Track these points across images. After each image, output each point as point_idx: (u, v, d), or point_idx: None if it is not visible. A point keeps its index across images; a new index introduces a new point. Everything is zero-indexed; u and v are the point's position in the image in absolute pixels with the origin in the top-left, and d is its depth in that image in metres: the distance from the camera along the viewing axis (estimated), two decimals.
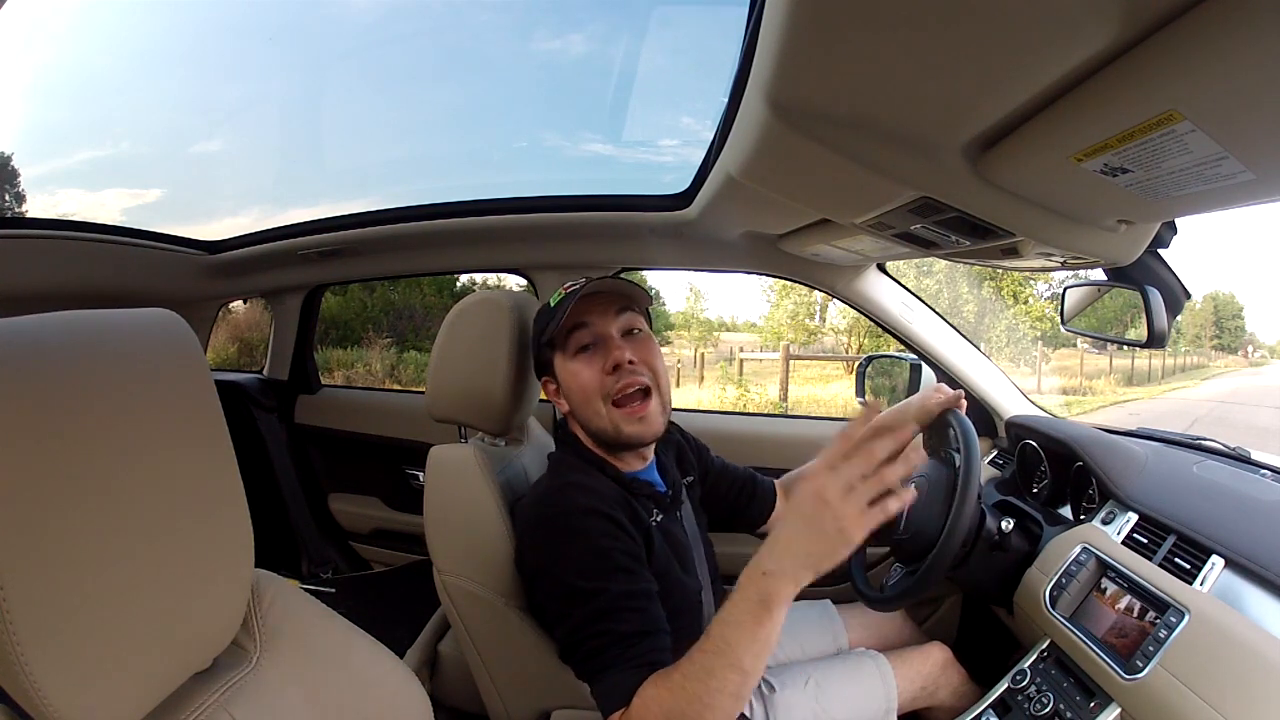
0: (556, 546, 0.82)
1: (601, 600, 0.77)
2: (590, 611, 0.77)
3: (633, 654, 0.75)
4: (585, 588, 0.78)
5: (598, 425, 0.89)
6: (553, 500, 0.86)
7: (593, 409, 0.88)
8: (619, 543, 0.81)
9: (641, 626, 0.77)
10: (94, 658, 0.39)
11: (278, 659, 0.54)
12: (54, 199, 9.21)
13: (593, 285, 0.87)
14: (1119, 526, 0.96)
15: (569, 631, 0.79)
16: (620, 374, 0.86)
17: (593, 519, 0.81)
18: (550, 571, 0.82)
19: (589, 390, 0.87)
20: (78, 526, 0.38)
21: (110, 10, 5.78)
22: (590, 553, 0.80)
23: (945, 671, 1.07)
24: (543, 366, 0.94)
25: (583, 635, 0.77)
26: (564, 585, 0.79)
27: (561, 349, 0.90)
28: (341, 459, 2.04)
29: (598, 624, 0.77)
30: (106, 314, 0.43)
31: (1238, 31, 0.38)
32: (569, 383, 0.90)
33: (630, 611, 0.77)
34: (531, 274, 1.74)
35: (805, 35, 0.51)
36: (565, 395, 0.92)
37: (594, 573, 0.79)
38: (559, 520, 0.83)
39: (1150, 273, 0.98)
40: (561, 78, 10.89)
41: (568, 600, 0.79)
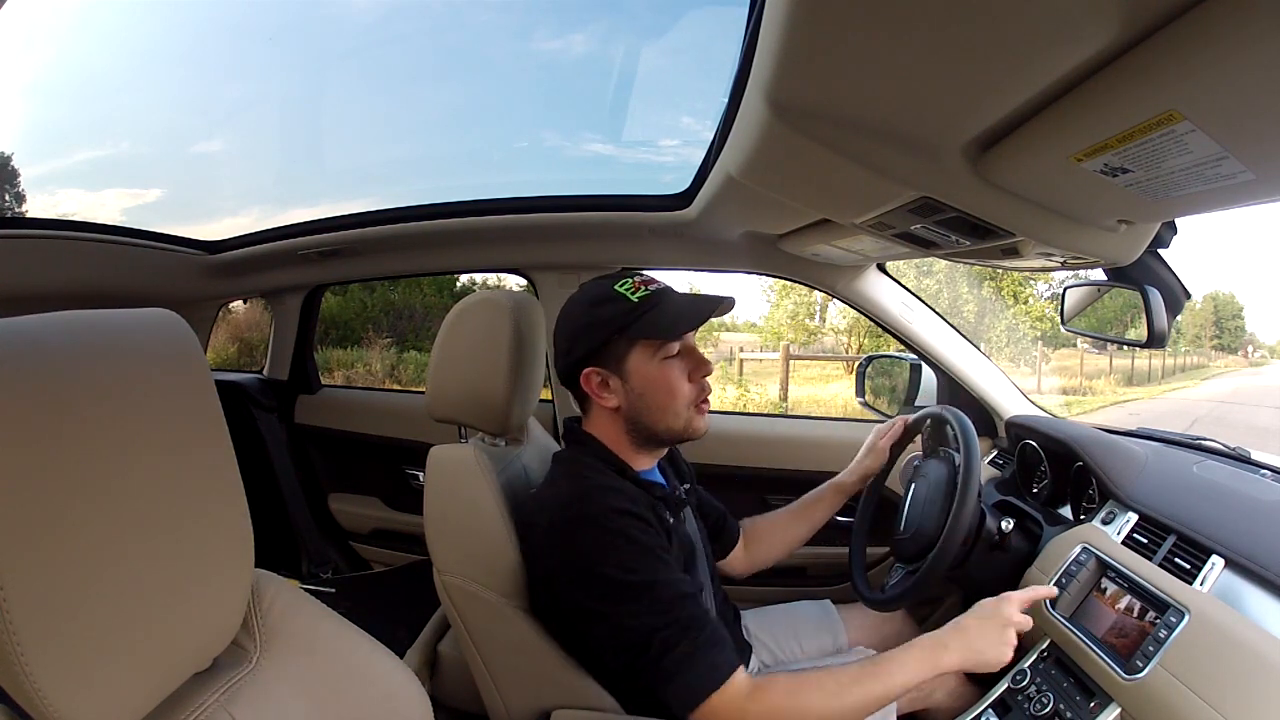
0: (596, 545, 0.80)
1: (657, 592, 0.78)
2: (649, 605, 0.77)
3: (708, 637, 0.77)
4: (635, 581, 0.78)
5: (668, 424, 0.90)
6: (583, 501, 0.84)
7: (672, 410, 0.90)
8: (657, 540, 0.82)
9: (701, 613, 0.79)
10: (94, 658, 0.39)
11: (278, 659, 0.54)
12: (54, 199, 9.21)
13: (708, 311, 0.88)
14: (1119, 526, 0.96)
15: (625, 631, 0.78)
16: (705, 383, 0.93)
17: (629, 519, 0.82)
18: (590, 569, 0.80)
19: (680, 394, 0.89)
20: (78, 526, 0.38)
21: (110, 10, 5.78)
22: (635, 549, 0.80)
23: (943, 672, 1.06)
24: (604, 358, 0.89)
25: (647, 632, 0.76)
26: (609, 581, 0.78)
27: (649, 348, 0.88)
28: (341, 459, 2.04)
29: (661, 616, 0.77)
30: (106, 314, 0.43)
31: (1238, 31, 0.38)
32: (652, 384, 0.88)
33: (686, 598, 0.79)
34: (531, 274, 1.73)
35: (805, 35, 0.51)
36: (631, 392, 0.89)
37: (642, 566, 0.79)
38: (595, 520, 0.81)
39: (1150, 273, 0.98)
40: (562, 78, 10.88)
41: (616, 598, 0.78)
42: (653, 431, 0.91)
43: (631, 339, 0.87)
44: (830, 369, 10.52)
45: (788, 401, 8.63)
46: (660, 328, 0.86)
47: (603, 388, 0.90)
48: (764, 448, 1.66)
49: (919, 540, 1.04)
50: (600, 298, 0.89)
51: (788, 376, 9.00)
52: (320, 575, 1.97)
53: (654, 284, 0.89)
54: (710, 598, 0.98)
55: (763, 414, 4.27)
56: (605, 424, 0.93)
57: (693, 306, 0.88)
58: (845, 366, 10.16)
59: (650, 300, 0.87)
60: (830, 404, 8.34)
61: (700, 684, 0.75)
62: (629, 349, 0.88)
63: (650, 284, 0.89)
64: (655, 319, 0.86)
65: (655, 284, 0.90)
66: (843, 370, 10.17)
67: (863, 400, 1.76)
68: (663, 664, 0.75)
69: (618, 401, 0.90)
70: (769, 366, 10.05)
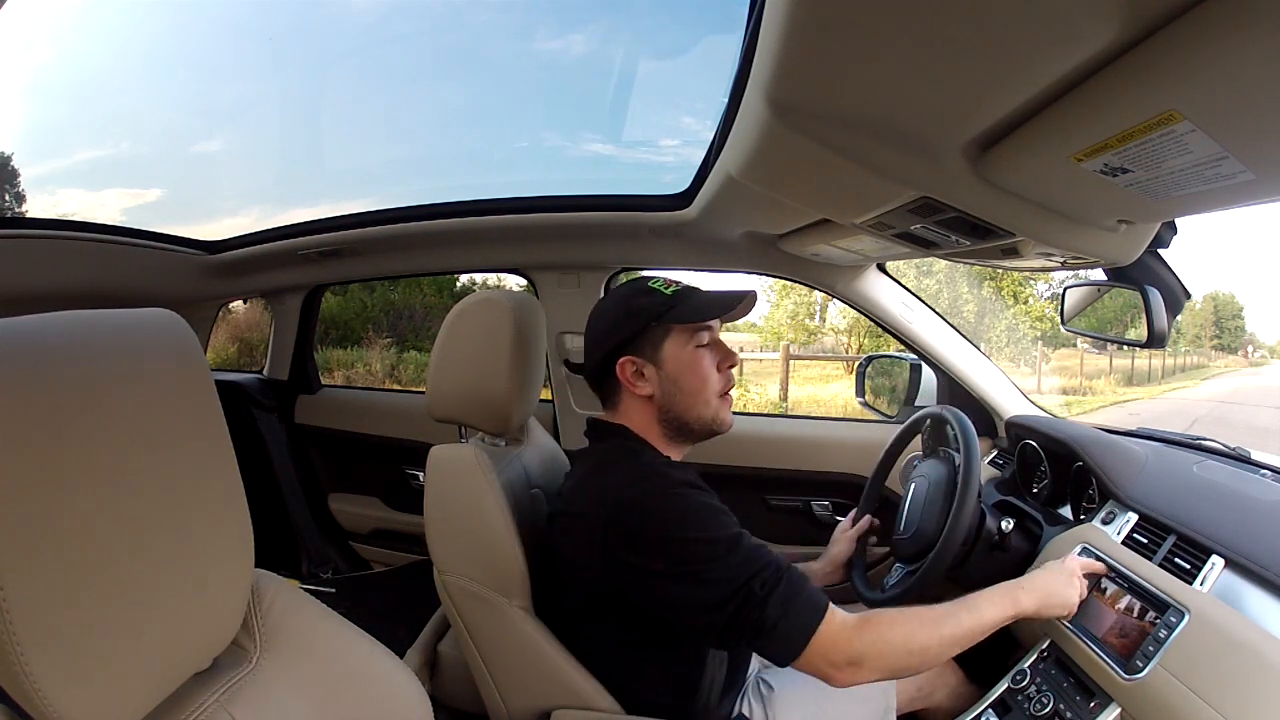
0: (674, 513, 0.82)
1: (747, 542, 0.80)
2: (744, 556, 0.78)
3: (801, 578, 0.79)
4: (721, 537, 0.80)
5: (699, 412, 0.93)
6: (648, 479, 0.86)
7: (704, 397, 0.93)
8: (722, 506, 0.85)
9: (780, 558, 0.80)
10: (94, 658, 0.39)
11: (278, 659, 0.54)
12: (54, 199, 9.19)
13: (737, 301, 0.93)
14: (1119, 526, 0.96)
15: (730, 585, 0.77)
16: (731, 375, 0.97)
17: (694, 491, 0.85)
18: (675, 536, 0.80)
19: (710, 381, 0.93)
20: (78, 526, 0.38)
21: (111, 10, 5.78)
22: (712, 511, 0.83)
23: (942, 673, 1.07)
24: (638, 346, 0.92)
25: (747, 578, 0.77)
26: (700, 543, 0.79)
27: (683, 337, 0.92)
28: (341, 459, 2.04)
29: (757, 561, 0.78)
30: (106, 314, 0.43)
31: (1238, 32, 0.38)
32: (686, 370, 0.92)
33: (765, 548, 0.81)
34: (531, 274, 1.73)
35: (805, 35, 0.51)
36: (666, 379, 0.92)
37: (725, 524, 0.82)
38: (666, 492, 0.84)
39: (1150, 273, 0.98)
40: (562, 78, 10.88)
41: (708, 557, 0.78)
42: (684, 420, 0.93)
43: (668, 325, 0.92)
44: (830, 369, 10.52)
45: (788, 401, 8.63)
46: (696, 312, 0.92)
47: (637, 376, 0.93)
48: (764, 448, 1.66)
49: (919, 540, 1.04)
50: (635, 292, 0.95)
51: (788, 376, 9.01)
52: (320, 575, 1.97)
53: (682, 283, 0.95)
54: None
55: (763, 414, 4.27)
56: (637, 415, 0.95)
57: (722, 297, 0.93)
58: (845, 366, 10.16)
59: (682, 293, 0.93)
60: (830, 404, 8.34)
61: (809, 618, 0.76)
62: (664, 336, 0.92)
63: (679, 283, 0.95)
64: (690, 306, 0.92)
65: (683, 283, 0.96)
66: (843, 370, 10.17)
67: (863, 400, 1.76)
68: (768, 608, 0.76)
69: (651, 390, 0.93)
70: (769, 366, 10.06)
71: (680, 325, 0.92)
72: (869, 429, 1.68)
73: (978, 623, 0.81)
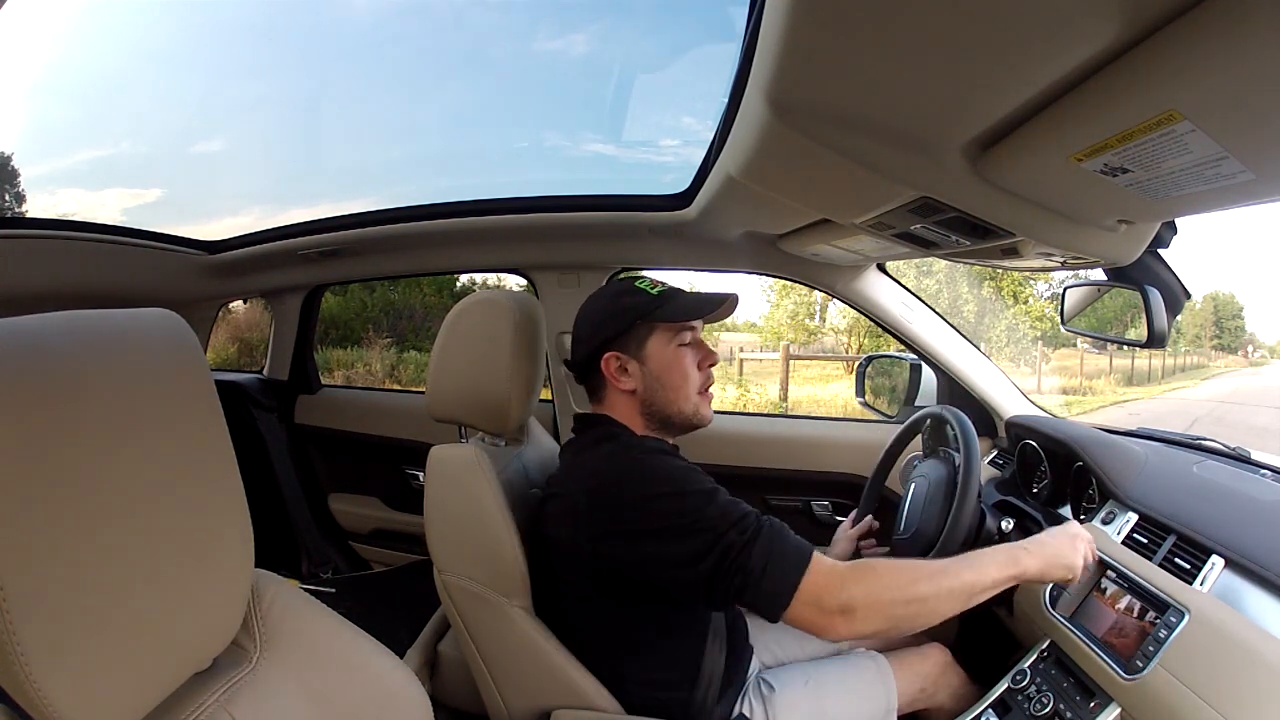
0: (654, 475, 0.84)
1: (722, 495, 0.82)
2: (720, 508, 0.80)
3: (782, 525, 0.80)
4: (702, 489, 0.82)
5: (680, 407, 0.96)
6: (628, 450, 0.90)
7: (684, 393, 0.96)
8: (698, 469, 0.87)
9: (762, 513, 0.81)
10: (94, 658, 0.39)
11: (278, 659, 0.54)
12: (54, 199, 9.21)
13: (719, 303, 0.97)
14: (1119, 526, 0.96)
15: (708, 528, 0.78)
16: (710, 373, 1.00)
17: (669, 456, 0.89)
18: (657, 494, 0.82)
19: (691, 378, 0.97)
20: (78, 526, 0.38)
21: (111, 10, 5.78)
22: (689, 470, 0.85)
23: (944, 673, 1.06)
24: (624, 342, 0.96)
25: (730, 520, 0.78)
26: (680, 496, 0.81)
27: (666, 334, 0.96)
28: (341, 459, 2.04)
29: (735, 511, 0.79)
30: (106, 314, 0.43)
31: (1237, 31, 0.38)
32: (667, 367, 0.96)
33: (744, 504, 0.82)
34: (531, 274, 1.73)
35: (805, 35, 0.51)
36: (648, 375, 0.96)
37: (703, 481, 0.84)
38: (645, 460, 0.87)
39: (1150, 273, 0.98)
40: (563, 78, 10.88)
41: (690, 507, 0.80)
42: (665, 414, 0.96)
43: (652, 323, 0.95)
44: (830, 369, 10.52)
45: (788, 401, 8.63)
46: (679, 312, 0.96)
47: (621, 371, 0.96)
48: (764, 448, 1.66)
49: (919, 540, 1.04)
50: (623, 290, 0.99)
51: (788, 376, 9.00)
52: (320, 575, 1.97)
53: (668, 284, 0.99)
54: None
55: (763, 414, 4.27)
56: (620, 408, 0.98)
57: (705, 299, 0.98)
58: (845, 366, 10.16)
59: (668, 293, 0.97)
60: (830, 404, 8.33)
61: (796, 564, 0.76)
62: (649, 333, 0.96)
63: (665, 284, 0.99)
64: (674, 306, 0.96)
65: (669, 284, 0.99)
66: (843, 370, 10.16)
67: (863, 400, 1.76)
68: (751, 556, 0.76)
69: (634, 385, 0.96)
70: (769, 366, 10.05)
71: (664, 324, 0.95)
72: (869, 429, 1.68)
73: (978, 579, 0.78)
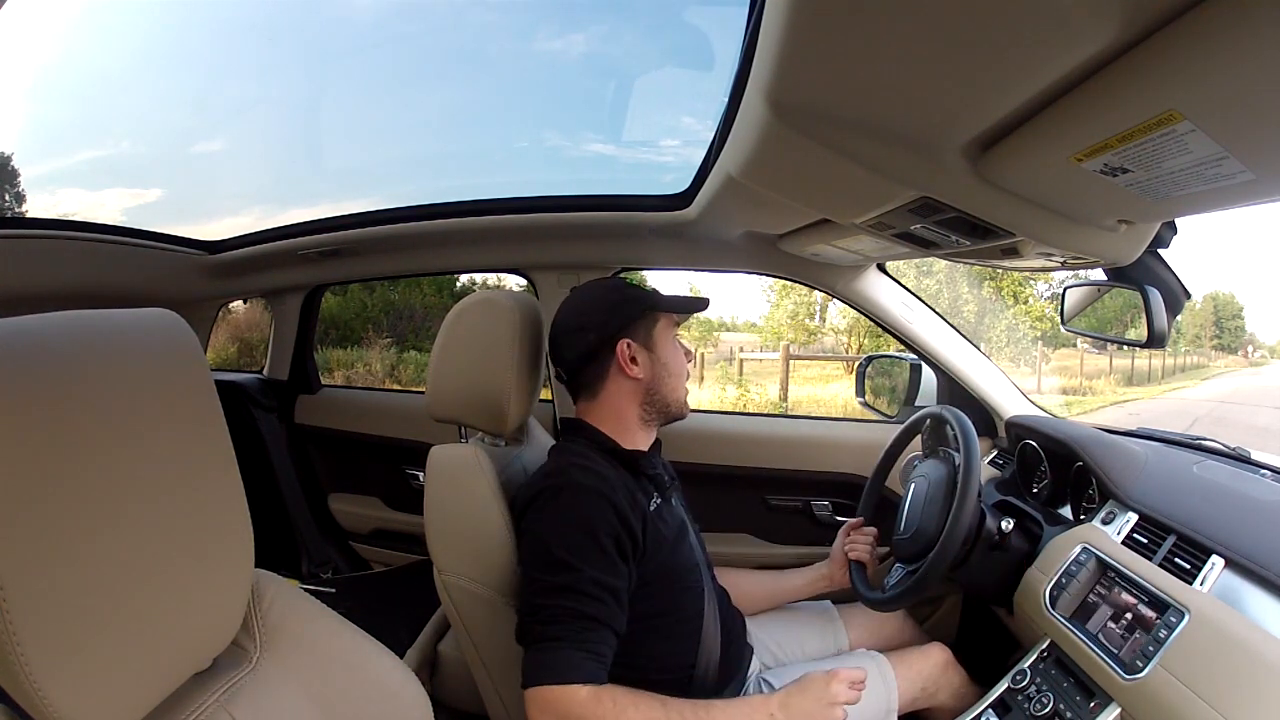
0: (550, 514, 0.87)
1: (574, 577, 0.82)
2: (560, 583, 0.82)
3: (588, 638, 0.80)
4: (562, 559, 0.83)
5: (678, 395, 1.03)
6: (556, 474, 0.91)
7: (679, 382, 1.03)
8: (608, 527, 0.86)
9: (600, 616, 0.82)
10: (94, 658, 0.39)
11: (278, 659, 0.54)
12: (54, 199, 9.20)
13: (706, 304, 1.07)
14: (1119, 526, 0.96)
15: (533, 594, 0.84)
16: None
17: (590, 497, 0.87)
18: (537, 534, 0.87)
19: (683, 369, 1.04)
20: (78, 526, 0.38)
21: (111, 10, 5.78)
22: (579, 530, 0.85)
23: (945, 672, 1.07)
24: (635, 330, 0.99)
25: (546, 602, 0.82)
26: (545, 550, 0.85)
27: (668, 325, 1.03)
28: (341, 459, 2.04)
29: (564, 597, 0.81)
30: (106, 314, 0.43)
31: (1238, 31, 0.38)
32: (673, 354, 1.02)
33: (595, 600, 0.82)
34: (531, 274, 1.73)
35: (805, 35, 0.51)
36: (658, 365, 1.00)
37: (576, 549, 0.83)
38: (559, 492, 0.88)
39: (1150, 273, 0.98)
40: (563, 78, 10.89)
41: (544, 566, 0.84)
42: (666, 402, 1.01)
43: (658, 313, 1.01)
44: (830, 369, 10.51)
45: (788, 401, 8.63)
46: (680, 304, 1.03)
47: (631, 362, 0.98)
48: (764, 448, 1.66)
49: (919, 540, 1.04)
50: (619, 284, 1.05)
51: (788, 376, 9.00)
52: (320, 575, 1.97)
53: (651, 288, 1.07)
54: (704, 579, 1.00)
55: (763, 414, 4.27)
56: (619, 400, 0.99)
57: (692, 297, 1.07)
58: (845, 366, 10.15)
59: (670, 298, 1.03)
60: (830, 404, 8.33)
61: (542, 672, 0.79)
62: (654, 323, 1.01)
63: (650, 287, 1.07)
64: (671, 300, 1.02)
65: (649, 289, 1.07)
66: (843, 370, 10.16)
67: (863, 400, 1.76)
68: (530, 637, 0.82)
69: (643, 373, 0.99)
70: (769, 366, 10.05)
71: (667, 314, 1.02)
72: (869, 429, 1.68)
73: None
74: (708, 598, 0.97)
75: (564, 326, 1.00)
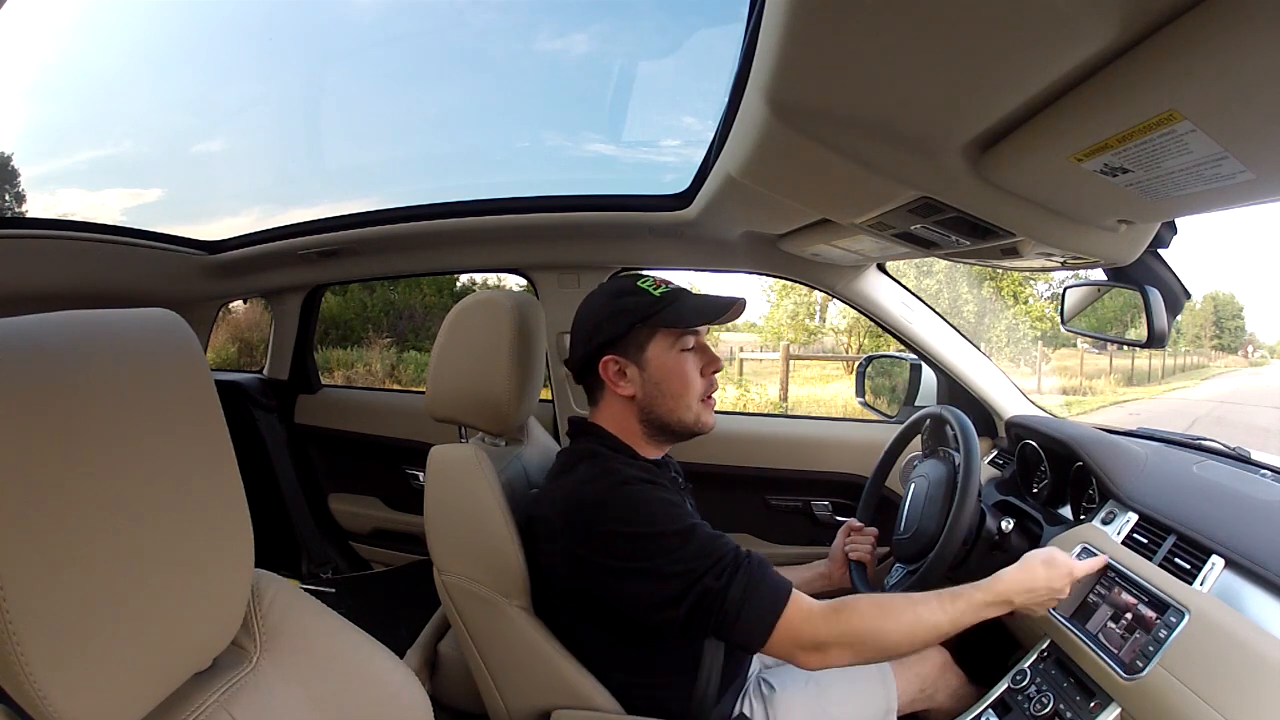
0: (626, 509, 0.83)
1: (702, 533, 0.82)
2: (698, 547, 0.80)
3: (760, 563, 0.81)
4: (675, 529, 0.81)
5: (680, 415, 0.94)
6: (603, 477, 0.87)
7: (685, 401, 0.94)
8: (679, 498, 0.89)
9: (737, 546, 0.82)
10: (94, 658, 0.39)
11: (278, 659, 0.54)
12: (54, 199, 9.20)
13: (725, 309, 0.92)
14: (1119, 526, 0.96)
15: (686, 577, 0.79)
16: (714, 379, 0.97)
17: (650, 485, 0.87)
18: (626, 533, 0.82)
19: (693, 386, 0.94)
20: (78, 526, 0.38)
21: (110, 10, 5.78)
22: (664, 504, 0.84)
23: (944, 674, 1.07)
24: (623, 346, 0.93)
25: (697, 566, 0.79)
26: (656, 536, 0.81)
27: (668, 339, 0.93)
28: (341, 459, 2.04)
29: (714, 551, 0.80)
30: (106, 314, 0.43)
31: (1237, 31, 0.38)
32: (668, 373, 0.93)
33: (723, 537, 0.82)
34: (531, 274, 1.73)
35: (805, 35, 0.51)
36: (648, 381, 0.93)
37: (678, 517, 0.83)
38: (619, 489, 0.85)
39: (1150, 273, 0.98)
40: (564, 78, 10.89)
41: (667, 549, 0.80)
42: (665, 422, 0.94)
43: (653, 328, 0.92)
44: (830, 369, 10.51)
45: (788, 401, 8.63)
46: (682, 318, 0.92)
47: (619, 375, 0.94)
48: (764, 448, 1.66)
49: (919, 540, 1.04)
50: (623, 291, 0.95)
51: (788, 376, 9.00)
52: (320, 575, 1.97)
53: (672, 284, 0.95)
54: None
55: (763, 414, 4.27)
56: (617, 414, 0.96)
57: (710, 303, 0.93)
58: (845, 366, 10.15)
59: (670, 295, 0.93)
60: (830, 404, 8.33)
61: (772, 607, 0.77)
62: (649, 338, 0.93)
63: (669, 283, 0.95)
64: (677, 310, 0.92)
65: (673, 284, 0.95)
66: (843, 370, 10.16)
67: (863, 400, 1.76)
68: (727, 599, 0.77)
69: (633, 390, 0.93)
70: (769, 366, 10.05)
71: (666, 329, 0.92)
72: (869, 429, 1.68)
73: (954, 623, 0.81)
74: None
75: (571, 329, 0.99)
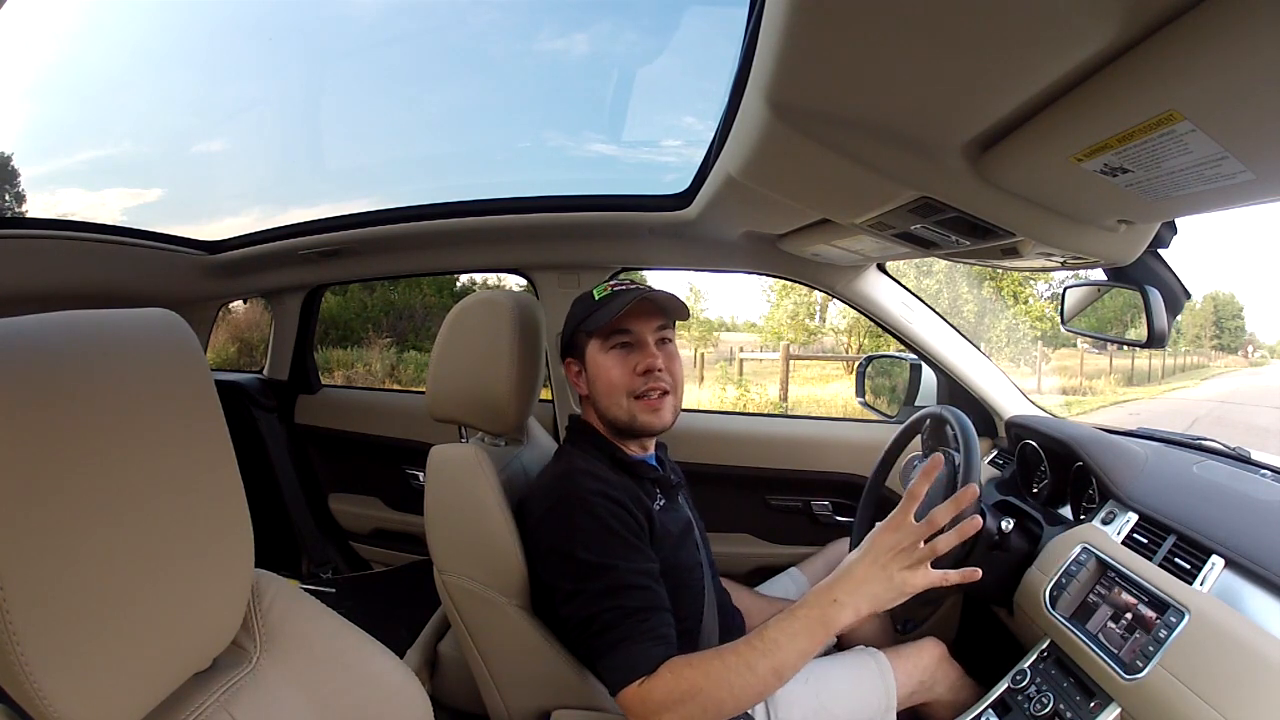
0: (568, 525, 0.86)
1: (611, 576, 0.82)
2: (602, 587, 0.82)
3: (646, 628, 0.80)
4: (595, 563, 0.83)
5: (614, 414, 0.97)
6: (561, 484, 0.91)
7: (613, 399, 0.96)
8: (624, 523, 0.87)
9: (649, 603, 0.82)
10: (94, 658, 0.39)
11: (278, 659, 0.54)
12: (54, 199, 9.22)
13: (644, 295, 0.93)
14: (1119, 526, 0.96)
15: (579, 607, 0.83)
16: (649, 378, 0.95)
17: (599, 500, 0.87)
18: (562, 549, 0.86)
19: (615, 384, 0.96)
20: (78, 527, 0.38)
21: (110, 10, 5.79)
22: (600, 531, 0.85)
23: (941, 666, 1.07)
24: (573, 349, 1.01)
25: (594, 610, 0.81)
26: (575, 561, 0.84)
27: (599, 340, 0.97)
28: (341, 459, 2.04)
29: (609, 599, 0.81)
30: (106, 314, 0.43)
31: (1237, 31, 0.38)
32: (597, 372, 0.97)
33: (638, 589, 0.82)
34: (531, 274, 1.73)
35: (805, 35, 0.51)
36: (589, 381, 0.99)
37: (604, 550, 0.84)
38: (570, 501, 0.88)
39: (1150, 273, 0.98)
40: (565, 78, 10.90)
41: (579, 576, 0.83)
42: (608, 419, 0.98)
43: (587, 330, 0.97)
44: (830, 369, 10.52)
45: (788, 401, 8.63)
46: (598, 319, 0.95)
47: (578, 377, 1.01)
48: (764, 448, 1.66)
49: None
50: (579, 298, 1.02)
51: (788, 376, 9.00)
52: (320, 575, 1.97)
53: (624, 284, 0.97)
54: (706, 579, 1.00)
55: (763, 414, 4.27)
56: (590, 413, 1.02)
57: (617, 303, 0.93)
58: (845, 366, 10.15)
59: (607, 298, 0.95)
60: (830, 404, 8.33)
61: (624, 673, 0.79)
62: (587, 340, 0.98)
63: (621, 284, 0.97)
64: (602, 313, 0.95)
65: (625, 284, 0.97)
66: (843, 370, 10.16)
67: (863, 400, 1.76)
68: (597, 646, 0.81)
69: (585, 390, 1.00)
70: (769, 366, 10.05)
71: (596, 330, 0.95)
72: (869, 429, 1.68)
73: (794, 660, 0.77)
74: (708, 598, 0.98)
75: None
